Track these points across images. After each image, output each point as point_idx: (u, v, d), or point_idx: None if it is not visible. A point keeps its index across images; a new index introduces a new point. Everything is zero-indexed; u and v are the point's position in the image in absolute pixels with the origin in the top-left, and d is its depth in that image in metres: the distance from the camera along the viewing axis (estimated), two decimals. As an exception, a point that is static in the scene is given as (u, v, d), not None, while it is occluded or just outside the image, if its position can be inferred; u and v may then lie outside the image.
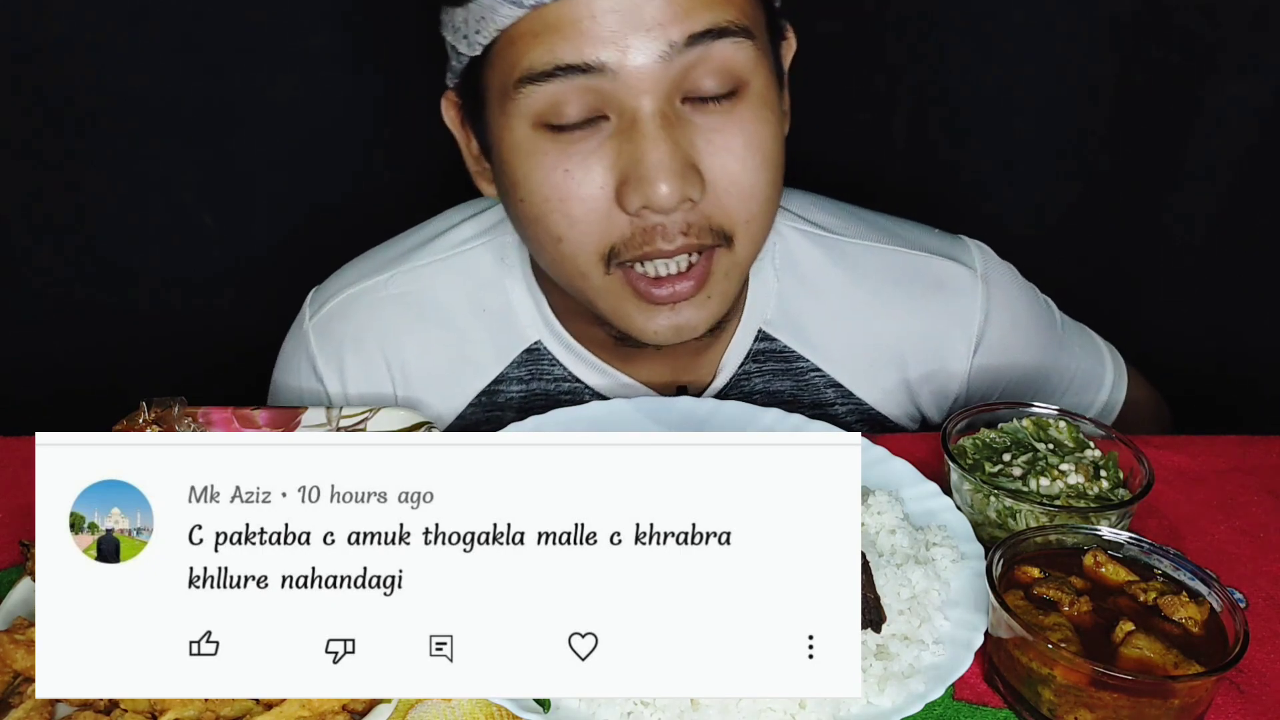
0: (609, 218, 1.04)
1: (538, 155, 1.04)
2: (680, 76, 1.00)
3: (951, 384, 1.34)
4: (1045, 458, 1.07)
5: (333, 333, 1.30)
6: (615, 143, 1.02)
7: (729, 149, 1.04)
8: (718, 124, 1.03)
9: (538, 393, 1.29)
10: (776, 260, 1.30)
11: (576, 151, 1.03)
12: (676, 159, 1.00)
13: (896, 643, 0.89)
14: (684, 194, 1.01)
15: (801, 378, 1.31)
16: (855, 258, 1.31)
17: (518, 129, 1.04)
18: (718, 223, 1.06)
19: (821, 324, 1.31)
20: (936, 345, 1.32)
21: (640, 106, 1.00)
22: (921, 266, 1.32)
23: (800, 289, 1.30)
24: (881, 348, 1.31)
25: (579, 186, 1.03)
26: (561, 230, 1.06)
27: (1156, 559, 0.92)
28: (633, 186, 1.01)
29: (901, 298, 1.31)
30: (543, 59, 0.99)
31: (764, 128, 1.05)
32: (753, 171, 1.05)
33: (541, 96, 1.01)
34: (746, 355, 1.29)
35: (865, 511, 1.02)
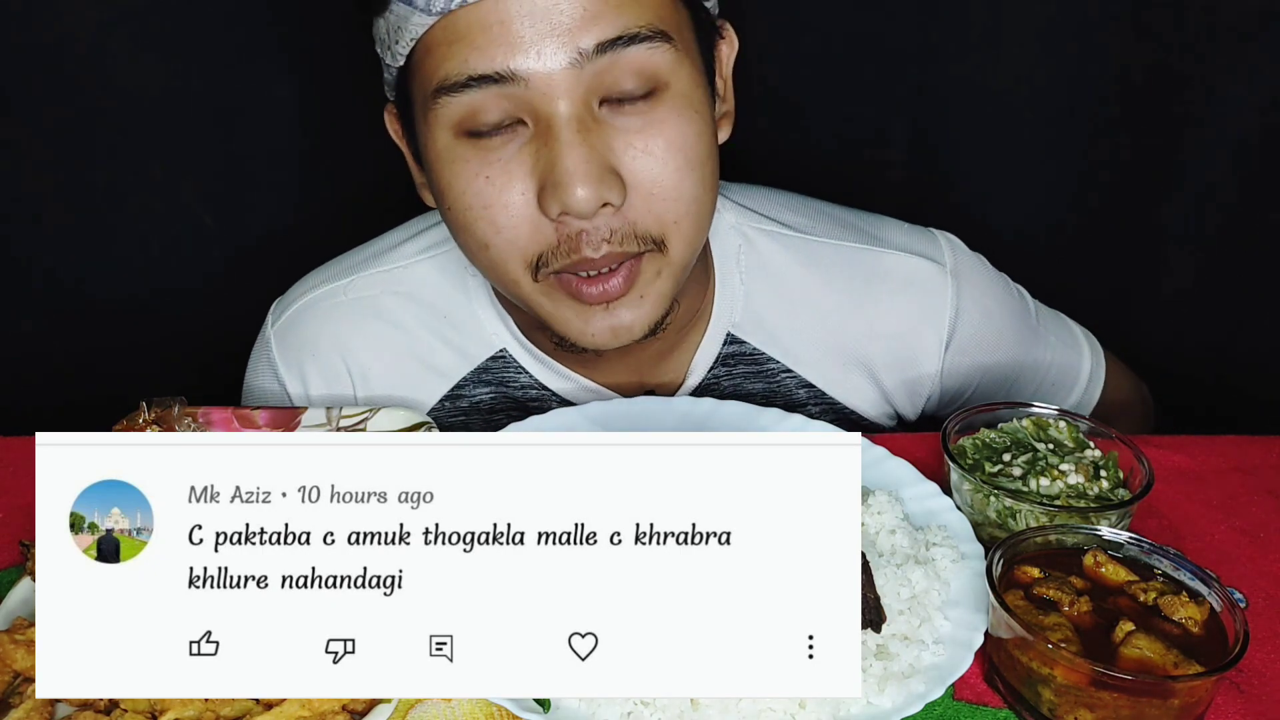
0: (534, 224, 1.04)
1: (459, 163, 1.04)
2: (594, 81, 0.99)
3: (925, 381, 1.34)
4: (1045, 458, 1.07)
5: (292, 338, 1.32)
6: (533, 148, 1.01)
7: (649, 151, 1.02)
8: (637, 125, 1.02)
9: (503, 397, 1.29)
10: (743, 263, 1.30)
11: (497, 158, 1.02)
12: (593, 163, 0.99)
13: (896, 643, 0.89)
14: (601, 198, 1.00)
15: (773, 379, 1.31)
16: (823, 257, 1.31)
17: (440, 138, 1.04)
18: (644, 228, 1.05)
19: (791, 325, 1.31)
20: (908, 343, 1.32)
21: (555, 112, 0.99)
22: (891, 265, 1.32)
23: (768, 291, 1.30)
24: (852, 347, 1.32)
25: (500, 193, 1.03)
26: (488, 237, 1.05)
27: (1156, 559, 0.92)
28: (550, 192, 1.00)
29: (871, 297, 1.31)
30: (456, 69, 0.99)
31: (686, 127, 1.04)
32: (675, 172, 1.04)
33: (458, 106, 1.00)
34: (716, 359, 1.30)
35: (865, 511, 1.02)
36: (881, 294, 1.31)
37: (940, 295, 1.32)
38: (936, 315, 1.32)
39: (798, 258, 1.31)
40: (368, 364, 1.30)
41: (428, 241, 1.32)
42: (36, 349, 1.76)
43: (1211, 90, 1.59)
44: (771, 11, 1.60)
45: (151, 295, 1.76)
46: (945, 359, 1.34)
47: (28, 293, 1.73)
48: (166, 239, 1.72)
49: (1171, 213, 1.70)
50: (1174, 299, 1.76)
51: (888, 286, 1.31)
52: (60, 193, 1.66)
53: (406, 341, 1.30)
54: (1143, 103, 1.63)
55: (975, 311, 1.33)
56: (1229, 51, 1.56)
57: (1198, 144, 1.63)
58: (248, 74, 1.62)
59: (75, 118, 1.60)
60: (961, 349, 1.34)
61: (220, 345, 1.73)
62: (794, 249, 1.31)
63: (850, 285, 1.31)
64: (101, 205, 1.68)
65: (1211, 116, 1.61)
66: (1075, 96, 1.65)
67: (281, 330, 1.33)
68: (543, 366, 1.29)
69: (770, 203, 1.35)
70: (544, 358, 1.29)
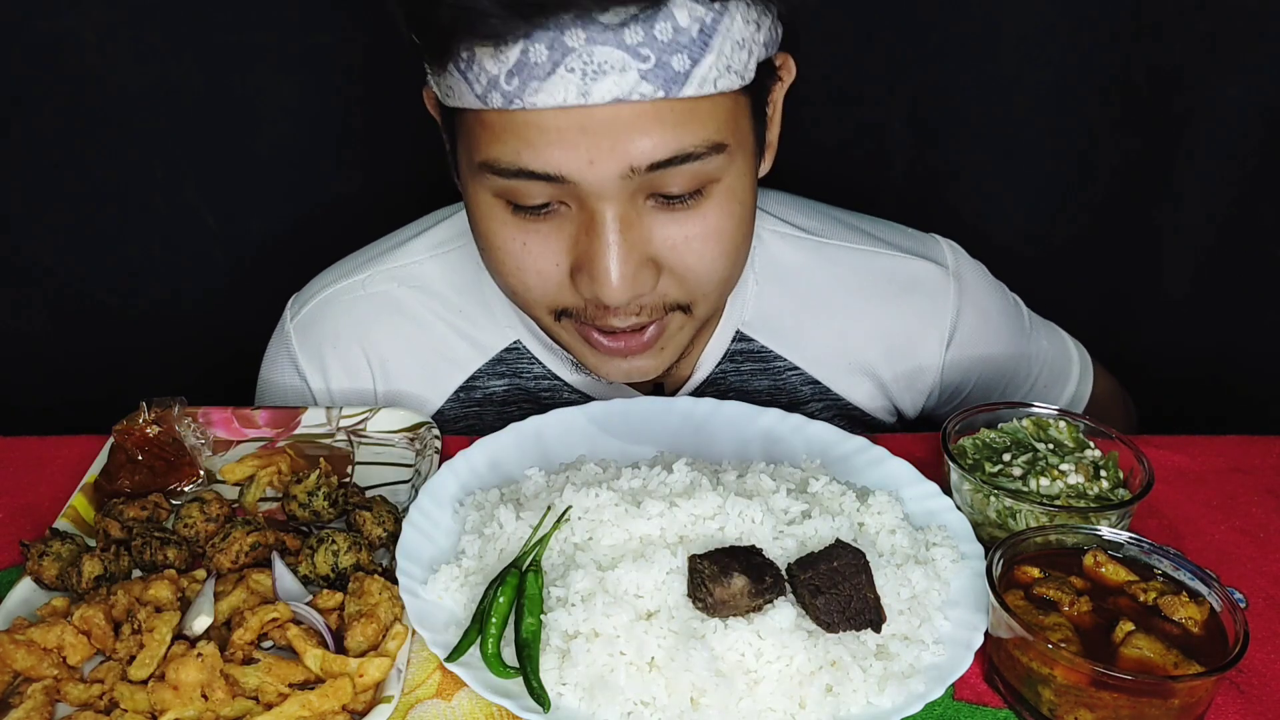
0: (563, 288, 1.05)
1: (498, 223, 1.04)
2: (644, 185, 0.99)
3: (925, 377, 1.38)
4: (1045, 458, 1.07)
5: (313, 332, 1.33)
6: (574, 230, 1.02)
7: (689, 243, 1.03)
8: (681, 219, 1.02)
9: (516, 389, 1.31)
10: (756, 263, 1.32)
11: (536, 230, 1.03)
12: (631, 261, 1.00)
13: (896, 643, 0.89)
14: (635, 291, 1.01)
15: (779, 376, 1.34)
16: (832, 259, 1.34)
17: (482, 193, 1.04)
18: (673, 299, 1.07)
19: (799, 324, 1.34)
20: (911, 341, 1.36)
21: (600, 210, 0.99)
22: (896, 267, 1.35)
23: (778, 291, 1.33)
24: (858, 346, 1.35)
25: (535, 260, 1.04)
26: (517, 288, 1.07)
27: (1156, 559, 0.92)
28: (585, 279, 1.01)
29: (877, 297, 1.34)
30: (506, 157, 0.98)
31: (729, 220, 1.04)
32: (711, 260, 1.05)
33: (502, 185, 1.00)
34: (724, 355, 1.32)
35: (865, 511, 1.02)
36: (887, 295, 1.34)
37: (943, 296, 1.35)
38: (939, 315, 1.35)
39: (808, 259, 1.34)
40: (387, 356, 1.32)
41: (442, 235, 1.34)
42: (37, 350, 1.76)
43: (1211, 90, 1.59)
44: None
45: (152, 296, 1.76)
46: (946, 356, 1.37)
47: (28, 293, 1.73)
48: (168, 241, 1.72)
49: (1171, 213, 1.70)
50: (1173, 299, 1.76)
51: (893, 288, 1.35)
52: (60, 194, 1.66)
53: (423, 334, 1.32)
54: (1143, 103, 1.63)
55: (974, 312, 1.37)
56: (1229, 51, 1.56)
57: (1197, 144, 1.63)
58: (249, 74, 1.61)
59: (76, 119, 1.60)
60: (961, 347, 1.37)
61: (221, 346, 1.74)
62: (805, 251, 1.34)
63: (858, 286, 1.34)
64: (102, 207, 1.68)
65: (1211, 117, 1.61)
66: (1075, 96, 1.64)
67: (301, 324, 1.34)
68: (556, 358, 1.31)
69: (782, 205, 1.38)
70: (557, 349, 1.30)
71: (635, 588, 0.89)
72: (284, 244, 1.73)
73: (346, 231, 1.43)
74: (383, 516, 1.03)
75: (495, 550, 0.98)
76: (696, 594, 0.88)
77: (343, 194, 1.73)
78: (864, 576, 0.89)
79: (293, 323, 1.34)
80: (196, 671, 0.83)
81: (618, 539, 0.94)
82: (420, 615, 0.91)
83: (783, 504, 0.99)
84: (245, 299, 1.75)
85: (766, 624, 0.86)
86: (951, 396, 1.42)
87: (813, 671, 0.85)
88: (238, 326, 1.58)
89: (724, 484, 1.02)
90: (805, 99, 1.33)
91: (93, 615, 0.89)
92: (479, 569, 0.96)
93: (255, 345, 1.44)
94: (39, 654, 0.87)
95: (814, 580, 0.88)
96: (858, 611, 0.88)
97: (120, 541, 1.00)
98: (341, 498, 1.07)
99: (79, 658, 0.88)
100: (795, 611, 0.88)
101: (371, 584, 0.94)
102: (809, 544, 0.95)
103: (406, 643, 0.90)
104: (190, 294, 1.77)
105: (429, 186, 1.50)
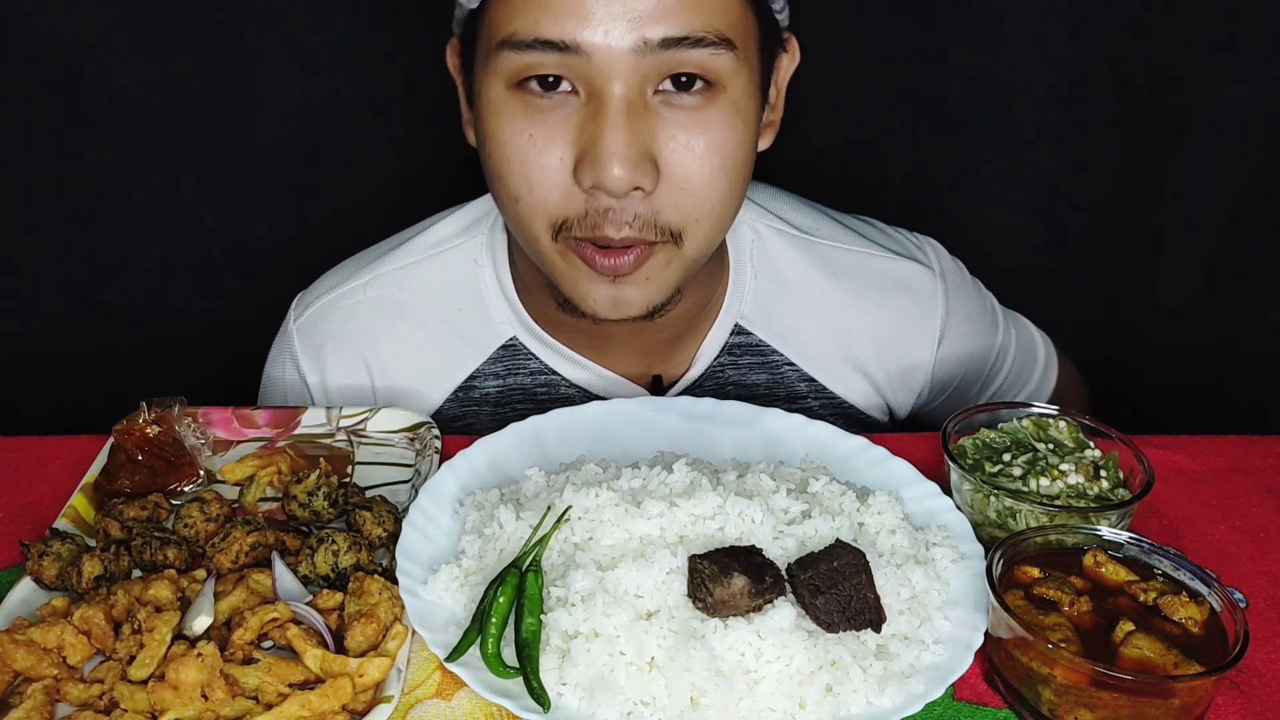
0: (565, 190, 1.06)
1: (506, 116, 1.06)
2: (652, 69, 1.02)
3: (917, 377, 1.41)
4: (1045, 458, 1.07)
5: (314, 335, 1.36)
6: (580, 118, 1.04)
7: (690, 147, 1.05)
8: (685, 121, 1.05)
9: (514, 387, 1.33)
10: (755, 259, 1.35)
11: (543, 120, 1.05)
12: (634, 147, 1.02)
13: (896, 643, 0.89)
14: (635, 180, 1.03)
15: (776, 371, 1.36)
16: (829, 258, 1.37)
17: (494, 87, 1.07)
18: (666, 220, 1.08)
19: (797, 321, 1.36)
20: (903, 342, 1.39)
21: (609, 90, 1.02)
22: (890, 268, 1.39)
23: (777, 287, 1.35)
24: (852, 344, 1.37)
25: (540, 154, 1.06)
26: (519, 192, 1.08)
27: (1156, 559, 0.92)
28: (588, 164, 1.03)
29: (871, 297, 1.37)
30: (525, 28, 1.01)
31: (729, 134, 1.07)
32: (709, 174, 1.07)
33: (518, 62, 1.03)
34: (722, 349, 1.34)
35: (865, 511, 1.02)
36: (881, 295, 1.38)
37: (932, 298, 1.39)
38: (929, 317, 1.39)
39: (806, 257, 1.36)
40: (386, 358, 1.34)
41: (441, 235, 1.36)
42: (37, 349, 1.76)
43: (1212, 90, 1.59)
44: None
45: (153, 297, 1.76)
46: (937, 355, 1.40)
47: (28, 294, 1.73)
48: (168, 241, 1.72)
49: (1171, 213, 1.70)
50: (1172, 300, 1.76)
51: (886, 288, 1.38)
52: (60, 194, 1.66)
53: (422, 336, 1.33)
54: (1142, 103, 1.63)
55: (959, 311, 1.41)
56: (1229, 52, 1.56)
57: (1197, 145, 1.63)
58: (249, 74, 1.61)
59: (76, 119, 1.60)
60: (949, 344, 1.41)
61: (221, 346, 1.74)
62: (801, 249, 1.37)
63: (852, 286, 1.37)
64: (102, 207, 1.68)
65: (1212, 117, 1.61)
66: (1075, 97, 1.65)
67: (303, 326, 1.36)
68: (552, 352, 1.32)
69: (779, 203, 1.40)
70: (554, 343, 1.32)
71: (635, 588, 0.89)
72: (284, 244, 1.73)
73: (346, 232, 1.43)
74: (383, 516, 1.03)
75: (495, 550, 0.98)
76: (696, 594, 0.88)
77: (343, 194, 1.73)
78: (864, 576, 0.89)
79: (295, 324, 1.37)
80: (196, 671, 0.83)
81: (618, 539, 0.94)
82: (420, 615, 0.91)
83: (783, 504, 0.99)
84: (245, 299, 1.75)
85: (766, 624, 0.86)
86: (938, 394, 1.45)
87: (813, 671, 0.85)
88: (238, 326, 1.58)
89: (724, 484, 1.02)
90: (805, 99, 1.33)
91: (93, 615, 0.89)
92: (479, 569, 0.96)
93: (255, 345, 1.44)
94: (39, 654, 0.87)
95: (814, 580, 0.88)
96: (858, 611, 0.88)
97: (120, 541, 1.00)
98: (341, 498, 1.07)
99: (79, 658, 0.88)
100: (795, 611, 0.88)
101: (371, 584, 0.94)
102: (809, 544, 0.95)
103: (406, 643, 0.90)
104: (190, 294, 1.77)
105: (429, 186, 1.50)
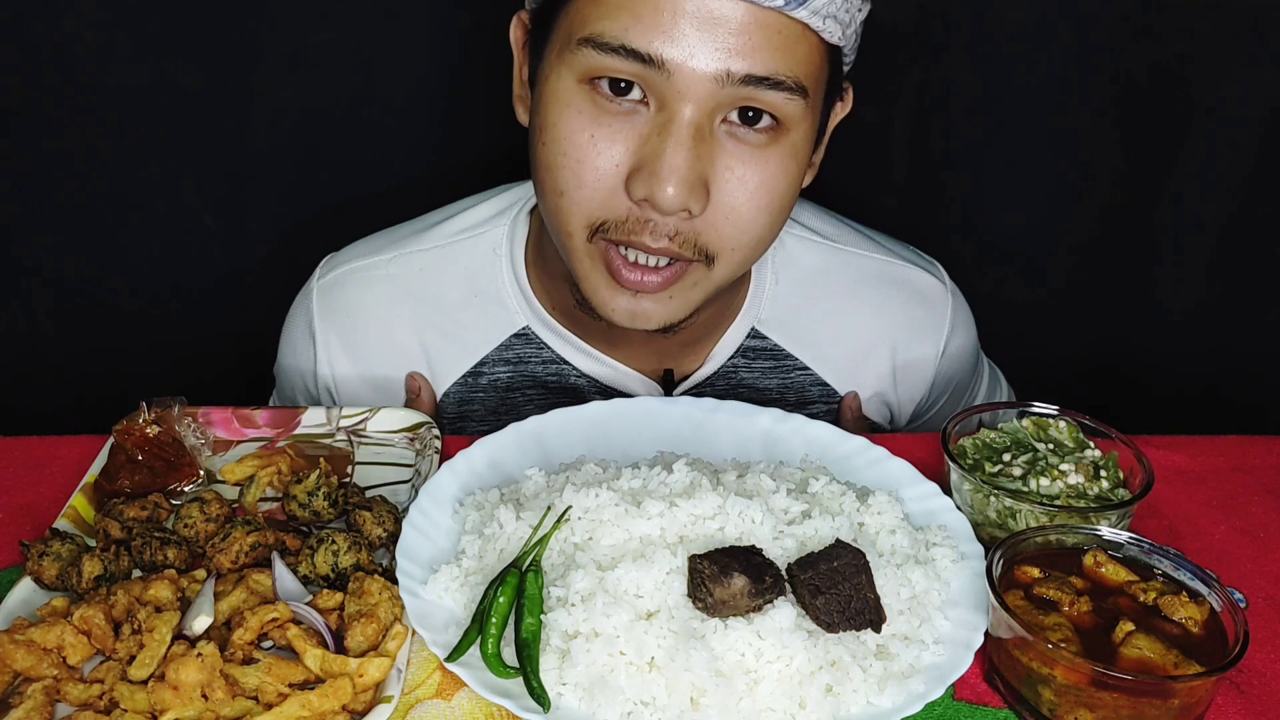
0: (612, 194, 1.07)
1: (572, 111, 1.06)
2: (727, 100, 1.03)
3: (919, 387, 1.43)
4: (1045, 458, 1.07)
5: (333, 299, 1.37)
6: (646, 130, 1.04)
7: (744, 181, 1.06)
8: (745, 155, 1.06)
9: (524, 374, 1.34)
10: (776, 263, 1.36)
11: (609, 123, 1.05)
12: (693, 170, 1.03)
13: (896, 643, 0.89)
14: (686, 203, 1.04)
15: (788, 375, 1.37)
16: (849, 263, 1.38)
17: (565, 78, 1.06)
18: (704, 242, 1.09)
19: (814, 325, 1.37)
20: (913, 350, 1.40)
21: (681, 110, 1.02)
22: (906, 274, 1.40)
23: (797, 292, 1.36)
24: (869, 349, 1.38)
25: (597, 156, 1.06)
26: (567, 186, 1.08)
27: (1156, 559, 0.92)
28: (643, 177, 1.03)
29: (889, 302, 1.39)
30: (612, 31, 1.01)
31: (783, 176, 1.08)
32: (756, 209, 1.08)
33: (598, 62, 1.03)
34: (737, 350, 1.35)
35: (865, 511, 1.02)
36: (897, 300, 1.39)
37: (943, 310, 1.41)
38: (938, 327, 1.41)
39: (824, 263, 1.37)
40: (399, 336, 1.35)
41: (468, 222, 1.37)
42: (37, 349, 1.76)
43: (1212, 90, 1.59)
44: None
45: (152, 296, 1.76)
46: (938, 367, 1.42)
47: (28, 294, 1.73)
48: (168, 241, 1.72)
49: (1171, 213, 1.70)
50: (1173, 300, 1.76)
51: (903, 295, 1.39)
52: (60, 194, 1.66)
53: (437, 318, 1.34)
54: (1143, 103, 1.63)
55: (961, 330, 1.43)
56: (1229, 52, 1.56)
57: (1198, 144, 1.63)
58: (249, 75, 1.61)
59: (76, 119, 1.60)
60: (948, 360, 1.43)
61: (221, 345, 1.74)
62: (820, 254, 1.38)
63: (868, 291, 1.38)
64: (102, 207, 1.68)
65: (1212, 116, 1.61)
66: (1075, 97, 1.65)
67: (325, 287, 1.37)
68: (564, 343, 1.33)
69: (802, 209, 1.41)
70: (567, 334, 1.32)
71: (635, 588, 0.89)
72: (284, 244, 1.73)
73: (346, 233, 1.43)
74: (383, 516, 1.03)
75: (495, 550, 0.98)
76: (696, 594, 0.88)
77: (342, 195, 1.73)
78: (864, 576, 0.89)
79: (318, 282, 1.38)
80: (196, 671, 0.83)
81: (618, 539, 0.94)
82: (420, 615, 0.91)
83: (783, 504, 0.99)
84: (245, 298, 1.75)
85: (766, 624, 0.86)
86: (924, 410, 1.46)
87: (813, 671, 0.85)
88: (238, 326, 1.59)
89: (724, 484, 1.02)
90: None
91: (93, 615, 0.89)
92: (479, 569, 0.96)
93: (255, 345, 1.44)
94: (39, 654, 0.87)
95: (814, 580, 0.88)
96: (858, 611, 0.88)
97: (120, 541, 1.00)
98: (341, 498, 1.07)
99: (79, 658, 0.88)
100: (795, 611, 0.88)
101: (371, 584, 0.94)
102: (809, 544, 0.95)
103: (406, 643, 0.90)
104: (190, 294, 1.77)
105: (429, 186, 1.50)
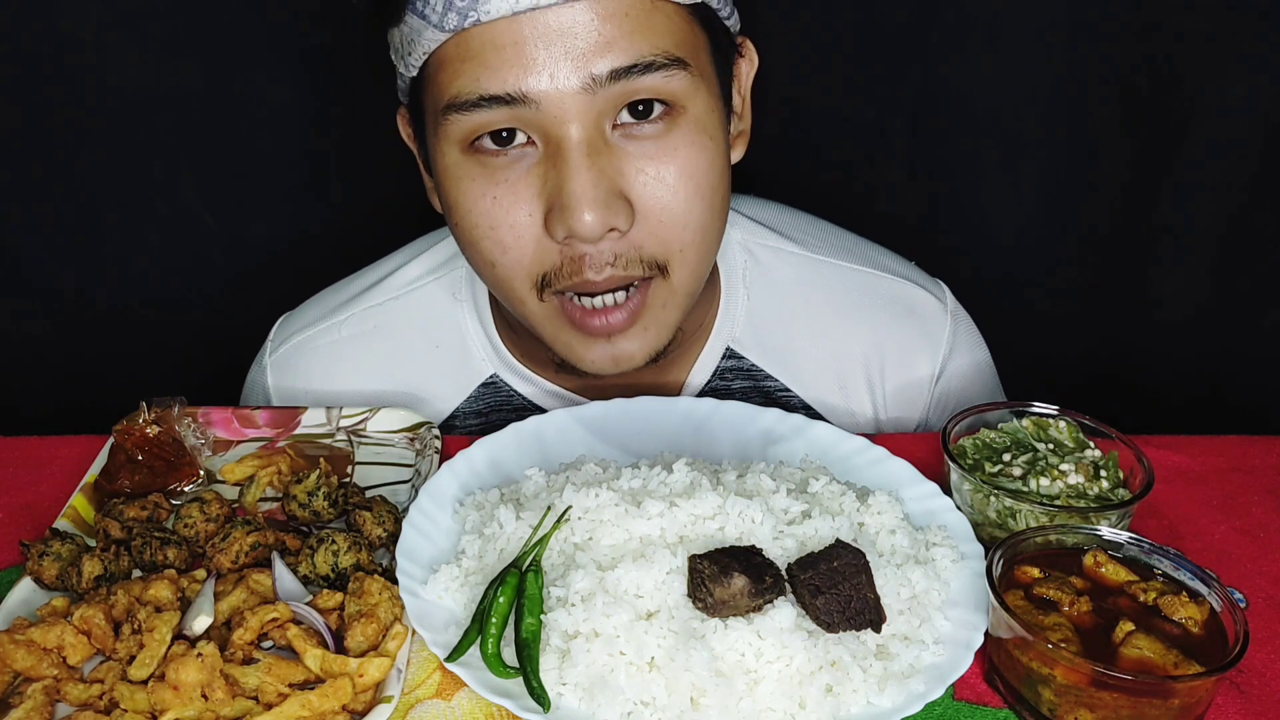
0: (539, 245, 1.03)
1: (467, 180, 1.03)
2: (607, 105, 0.98)
3: (913, 411, 1.35)
4: (1045, 458, 1.07)
5: (287, 372, 1.34)
6: (542, 170, 1.01)
7: (660, 178, 1.02)
8: (650, 151, 1.01)
9: (497, 424, 1.27)
10: (748, 279, 1.30)
11: (504, 179, 1.02)
12: (601, 188, 0.98)
13: (896, 643, 0.89)
14: (608, 223, 0.99)
15: (769, 396, 1.31)
16: (828, 277, 1.31)
17: (449, 153, 1.04)
18: (649, 253, 1.04)
19: (791, 342, 1.30)
20: (903, 369, 1.32)
21: (565, 135, 0.98)
22: (896, 291, 1.33)
23: (771, 308, 1.30)
24: (851, 366, 1.31)
25: (506, 214, 1.02)
26: (494, 256, 1.06)
27: (1156, 559, 0.92)
28: (557, 215, 1.00)
29: (870, 319, 1.31)
30: (467, 88, 0.98)
31: (699, 155, 1.03)
32: (685, 200, 1.03)
33: (467, 123, 1.00)
34: (713, 373, 1.29)
35: (865, 511, 1.02)
36: (882, 318, 1.32)
37: (939, 329, 1.33)
38: (932, 347, 1.33)
39: (802, 275, 1.31)
40: (364, 398, 1.31)
41: (420, 269, 1.33)
42: (37, 349, 1.76)
43: (1213, 91, 1.59)
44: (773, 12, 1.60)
45: (152, 297, 1.76)
46: (935, 390, 1.34)
47: (29, 295, 1.73)
48: (167, 242, 1.72)
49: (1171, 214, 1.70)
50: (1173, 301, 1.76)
51: (889, 311, 1.32)
52: (60, 195, 1.66)
53: (400, 375, 1.30)
54: (1143, 104, 1.63)
55: (965, 357, 1.35)
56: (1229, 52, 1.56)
57: (1199, 146, 1.63)
58: (249, 74, 1.61)
59: (76, 120, 1.60)
60: (950, 381, 1.34)
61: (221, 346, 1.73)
62: (798, 267, 1.31)
63: (852, 306, 1.31)
64: (102, 208, 1.68)
65: (1213, 117, 1.60)
66: (1075, 98, 1.64)
67: (278, 362, 1.35)
68: (534, 387, 1.29)
69: (779, 219, 1.35)
70: (534, 378, 1.28)
71: (635, 588, 0.89)
72: (283, 245, 1.73)
73: (345, 234, 1.44)
74: (383, 516, 1.03)
75: (495, 550, 0.98)
76: (696, 594, 0.88)
77: (342, 196, 1.73)
78: (864, 576, 0.89)
79: (270, 358, 1.35)
80: (196, 671, 0.83)
81: (618, 539, 0.94)
82: (420, 615, 0.91)
83: (783, 504, 0.98)
84: (245, 299, 1.74)
85: (766, 624, 0.86)
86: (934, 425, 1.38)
87: (813, 671, 0.85)
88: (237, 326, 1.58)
89: (724, 484, 1.02)
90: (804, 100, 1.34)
91: (93, 615, 0.89)
92: (479, 569, 0.96)
93: (255, 345, 1.44)
94: (39, 654, 0.87)
95: (814, 580, 0.88)
96: (858, 611, 0.88)
97: (120, 541, 1.00)
98: (341, 498, 1.07)
99: (79, 658, 0.88)
100: (795, 611, 0.88)
101: (371, 584, 0.94)
102: (809, 544, 0.95)
103: (406, 643, 0.90)
104: (190, 294, 1.77)
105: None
